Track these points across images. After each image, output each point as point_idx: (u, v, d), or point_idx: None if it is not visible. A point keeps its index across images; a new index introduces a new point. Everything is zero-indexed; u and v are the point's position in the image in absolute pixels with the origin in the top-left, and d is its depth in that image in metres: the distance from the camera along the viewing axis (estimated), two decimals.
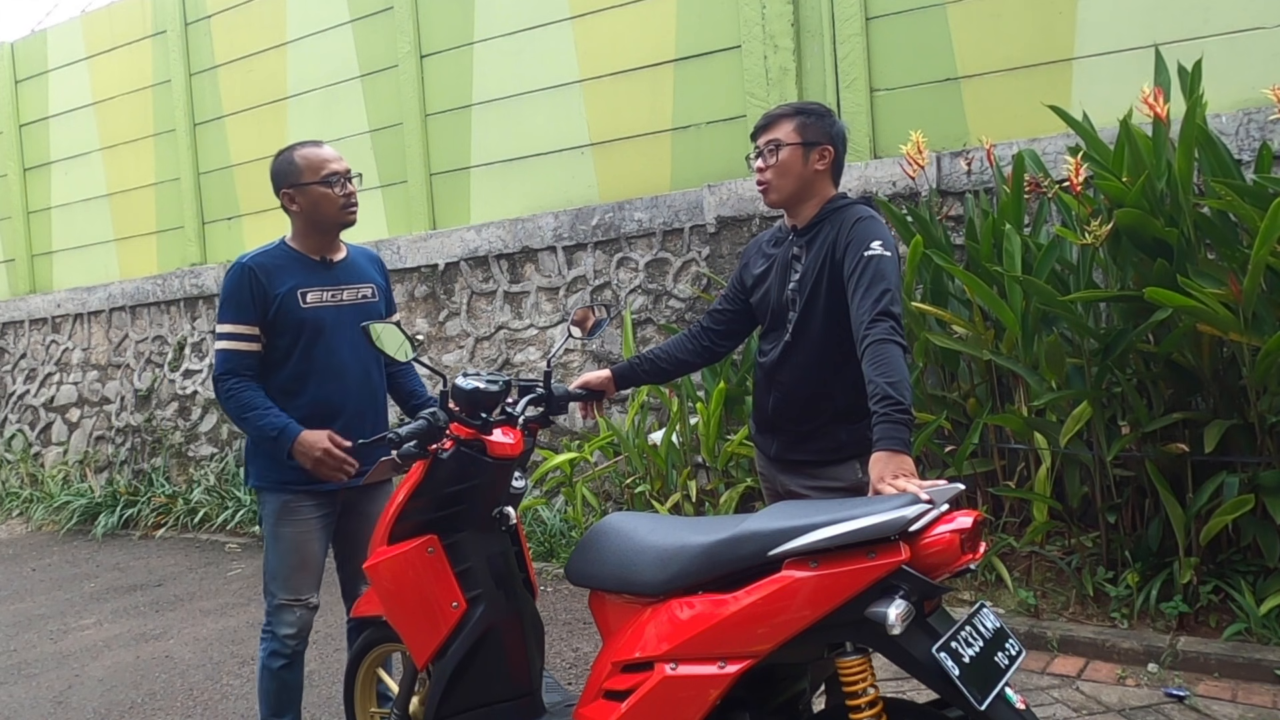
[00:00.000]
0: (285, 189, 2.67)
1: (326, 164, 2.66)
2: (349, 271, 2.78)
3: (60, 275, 8.44)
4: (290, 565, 2.66)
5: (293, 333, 2.63)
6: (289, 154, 2.69)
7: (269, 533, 2.69)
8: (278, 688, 2.69)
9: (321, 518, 2.70)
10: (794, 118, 2.31)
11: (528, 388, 2.42)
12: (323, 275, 2.71)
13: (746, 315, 2.54)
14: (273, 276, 2.62)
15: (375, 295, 2.83)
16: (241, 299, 2.60)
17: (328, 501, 2.70)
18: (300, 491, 2.64)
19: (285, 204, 2.69)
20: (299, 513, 2.65)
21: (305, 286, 2.65)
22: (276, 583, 2.67)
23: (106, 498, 7.14)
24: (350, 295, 2.75)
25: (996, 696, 1.53)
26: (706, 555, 1.76)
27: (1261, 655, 3.07)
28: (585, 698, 1.94)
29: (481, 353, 5.90)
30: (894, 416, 1.94)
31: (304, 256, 2.70)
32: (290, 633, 2.66)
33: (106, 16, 7.90)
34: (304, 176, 2.65)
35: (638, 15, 5.39)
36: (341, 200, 2.66)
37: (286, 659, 2.68)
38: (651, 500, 4.75)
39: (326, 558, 2.78)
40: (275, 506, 2.66)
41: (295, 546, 2.66)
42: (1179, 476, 3.48)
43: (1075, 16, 4.29)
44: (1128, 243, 3.47)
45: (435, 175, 6.24)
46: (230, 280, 2.62)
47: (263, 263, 2.64)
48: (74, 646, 4.41)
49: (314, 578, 2.71)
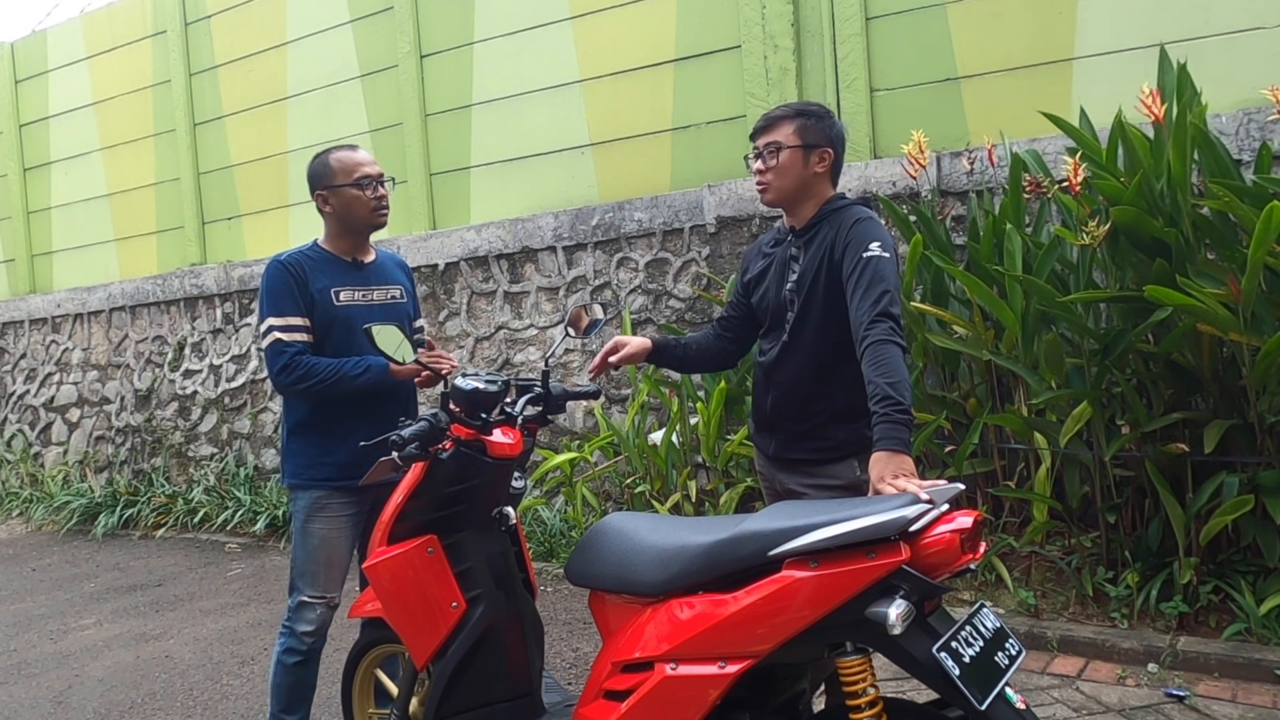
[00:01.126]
0: (320, 191, 2.74)
1: (360, 167, 2.73)
2: (379, 273, 2.87)
3: (60, 275, 8.44)
4: (318, 562, 2.69)
5: (325, 330, 2.70)
6: (325, 157, 2.76)
7: (298, 529, 2.72)
8: (291, 684, 2.72)
9: (352, 515, 2.73)
10: (794, 120, 2.31)
11: (526, 387, 2.42)
12: (354, 275, 2.79)
13: (752, 319, 2.54)
14: (308, 274, 2.69)
15: (403, 296, 2.91)
16: (287, 293, 2.66)
17: (359, 500, 2.72)
18: (333, 489, 2.69)
19: (319, 205, 2.77)
20: (330, 509, 2.69)
21: (338, 285, 2.74)
22: (304, 579, 2.70)
23: (106, 498, 7.13)
24: (380, 295, 2.83)
25: (997, 696, 1.53)
26: (706, 555, 1.76)
27: (1261, 655, 3.07)
28: (585, 698, 1.94)
29: (481, 353, 5.90)
30: (894, 416, 1.94)
31: (336, 257, 2.78)
32: (309, 629, 2.70)
33: (106, 16, 7.90)
34: (337, 179, 2.71)
35: (638, 15, 5.39)
36: (373, 203, 2.74)
37: (303, 656, 2.71)
38: (651, 500, 4.75)
39: (352, 558, 2.80)
40: (307, 503, 2.70)
41: (324, 543, 2.70)
42: (1179, 476, 3.48)
43: (1075, 16, 4.29)
44: (1126, 243, 3.47)
45: (435, 175, 6.24)
46: (272, 277, 2.68)
47: (298, 261, 2.71)
48: (74, 646, 4.41)
49: (339, 576, 2.74)
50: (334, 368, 2.63)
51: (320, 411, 2.71)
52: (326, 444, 2.70)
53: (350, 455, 2.60)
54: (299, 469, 2.73)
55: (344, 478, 2.66)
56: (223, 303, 7.13)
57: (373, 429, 2.57)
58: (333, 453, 2.68)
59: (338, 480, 2.68)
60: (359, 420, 2.65)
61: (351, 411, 2.68)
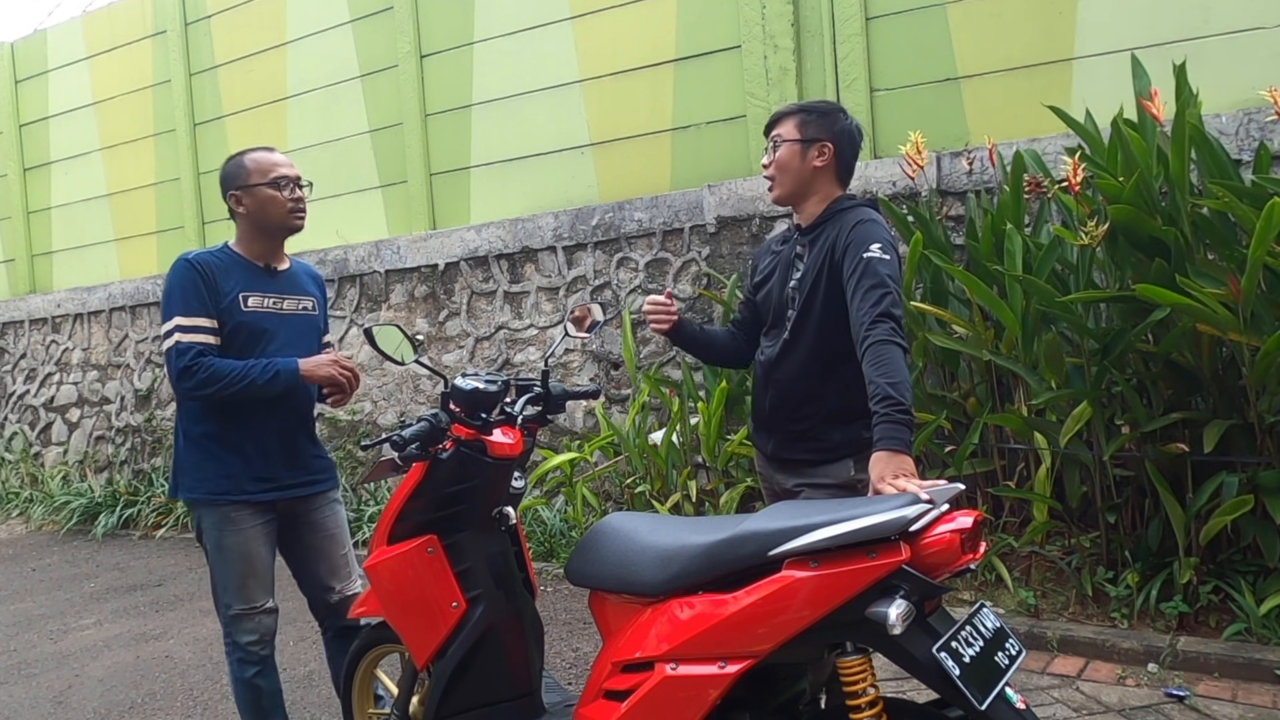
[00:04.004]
0: (233, 191, 2.65)
1: (276, 168, 2.64)
2: (291, 282, 2.77)
3: (60, 275, 8.44)
4: (240, 574, 2.60)
5: (231, 335, 2.59)
6: (239, 158, 2.68)
7: (213, 546, 2.61)
8: (254, 696, 2.65)
9: (264, 524, 2.64)
10: (796, 115, 2.33)
11: (526, 387, 2.42)
12: (266, 282, 2.69)
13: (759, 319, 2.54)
14: (217, 276, 2.59)
15: (314, 308, 2.81)
16: (195, 292, 2.54)
17: (266, 509, 2.64)
18: (237, 502, 2.59)
19: (232, 206, 2.67)
20: (240, 522, 2.59)
21: (247, 290, 2.62)
22: (229, 594, 2.61)
23: (106, 498, 7.13)
24: (291, 305, 2.73)
25: (997, 696, 1.53)
26: (706, 555, 1.76)
27: (1261, 655, 3.07)
28: (585, 698, 1.94)
29: (481, 353, 5.90)
30: (894, 417, 1.94)
31: (248, 261, 2.68)
32: (253, 639, 2.62)
33: (106, 16, 7.90)
34: (252, 179, 2.62)
35: (638, 15, 5.39)
36: (289, 204, 2.64)
37: (258, 665, 2.63)
38: (651, 500, 4.75)
39: (276, 562, 2.72)
40: (215, 519, 2.60)
41: (242, 555, 2.59)
42: (1179, 476, 3.48)
43: (1075, 16, 4.29)
44: (1125, 243, 3.47)
45: (435, 175, 6.24)
46: (178, 275, 2.56)
47: (207, 260, 2.60)
48: (74, 646, 4.41)
49: (266, 582, 2.65)
50: (240, 371, 2.50)
51: (218, 421, 2.59)
52: (226, 458, 2.59)
53: (255, 468, 2.56)
54: (196, 482, 2.61)
55: (244, 490, 2.57)
56: None
57: (275, 440, 2.54)
58: (233, 464, 2.59)
59: (239, 494, 2.58)
60: (259, 431, 2.57)
61: (251, 422, 2.58)
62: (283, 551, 2.77)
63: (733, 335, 2.62)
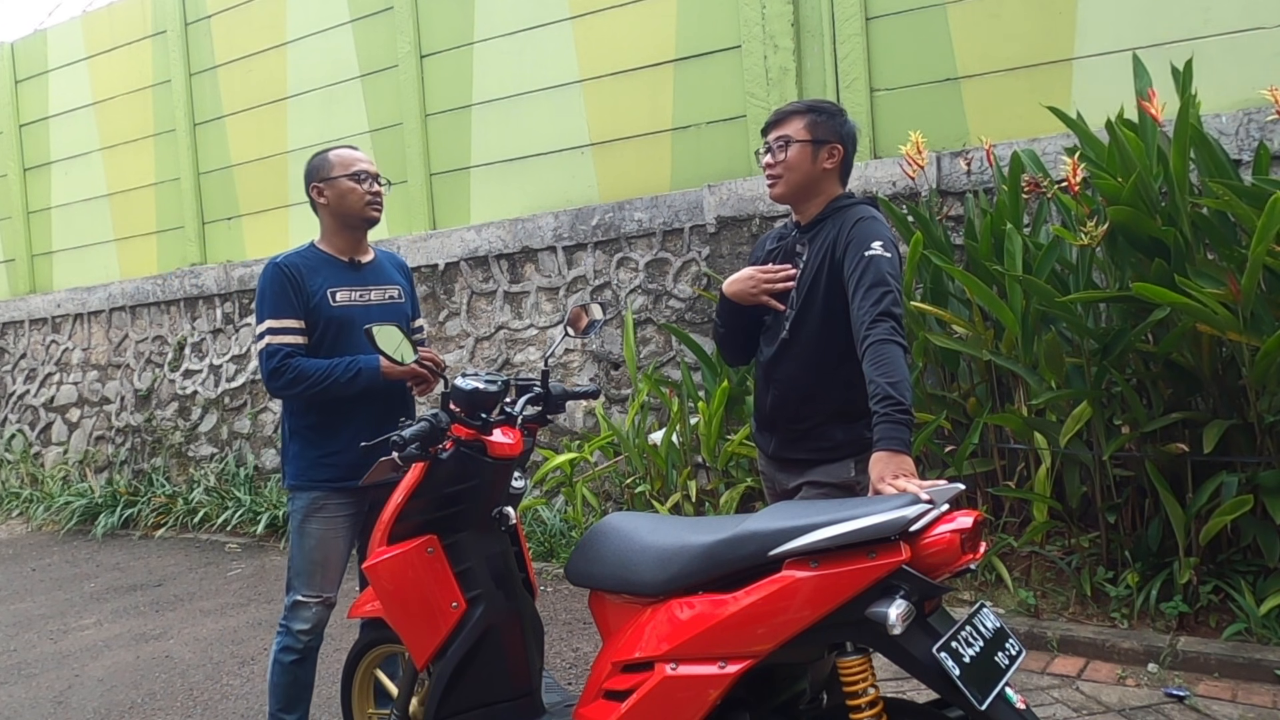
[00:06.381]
0: (315, 183, 2.78)
1: (357, 162, 2.76)
2: (376, 273, 2.87)
3: (60, 275, 8.44)
4: (314, 562, 2.71)
5: (322, 331, 2.70)
6: (324, 154, 2.80)
7: (295, 528, 2.74)
8: (289, 682, 2.73)
9: (350, 516, 2.74)
10: (805, 115, 2.32)
11: (526, 387, 2.43)
12: (351, 276, 2.80)
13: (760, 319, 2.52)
14: (305, 276, 2.70)
15: (401, 296, 2.91)
16: (283, 296, 2.67)
17: (358, 500, 2.73)
18: (331, 489, 2.70)
19: (314, 197, 2.79)
20: (327, 510, 2.71)
21: (335, 286, 2.74)
22: (300, 579, 2.72)
23: (106, 498, 7.13)
24: (378, 295, 2.84)
25: (997, 696, 1.53)
26: (707, 555, 1.76)
27: (1261, 655, 3.07)
28: (585, 698, 1.94)
29: (481, 353, 5.90)
30: (894, 416, 1.94)
31: (333, 258, 2.80)
32: (305, 628, 2.71)
33: (106, 16, 7.90)
34: (334, 171, 2.75)
35: (638, 15, 5.39)
36: (367, 196, 2.76)
37: (299, 654, 2.72)
38: (651, 500, 4.75)
39: (350, 558, 2.81)
40: (304, 503, 2.72)
41: (320, 543, 2.71)
42: (1179, 476, 3.48)
43: (1075, 16, 4.29)
44: (1125, 243, 3.47)
45: (435, 175, 6.24)
46: (268, 279, 2.70)
47: (295, 262, 2.73)
48: (74, 646, 4.41)
49: (336, 576, 2.76)
50: (324, 371, 2.63)
51: (318, 413, 2.72)
52: (324, 445, 2.70)
53: (348, 456, 2.61)
54: (299, 471, 2.75)
55: (342, 479, 2.67)
56: (223, 303, 7.13)
57: (370, 430, 2.57)
58: (331, 454, 2.69)
59: (336, 481, 2.69)
60: (356, 421, 2.66)
61: (348, 413, 2.69)
62: (362, 538, 2.84)
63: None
